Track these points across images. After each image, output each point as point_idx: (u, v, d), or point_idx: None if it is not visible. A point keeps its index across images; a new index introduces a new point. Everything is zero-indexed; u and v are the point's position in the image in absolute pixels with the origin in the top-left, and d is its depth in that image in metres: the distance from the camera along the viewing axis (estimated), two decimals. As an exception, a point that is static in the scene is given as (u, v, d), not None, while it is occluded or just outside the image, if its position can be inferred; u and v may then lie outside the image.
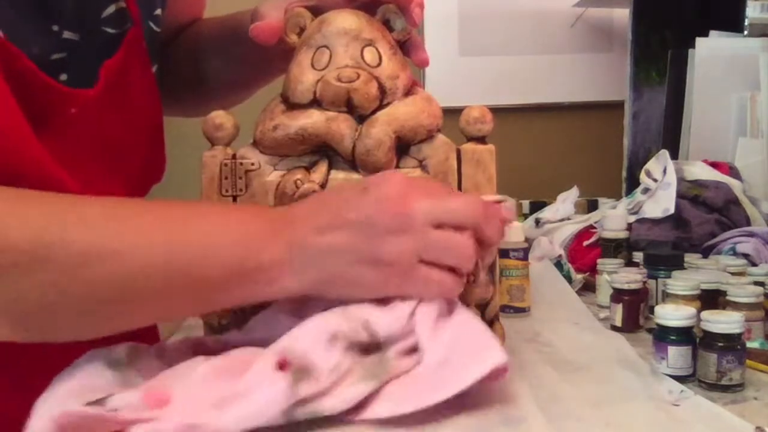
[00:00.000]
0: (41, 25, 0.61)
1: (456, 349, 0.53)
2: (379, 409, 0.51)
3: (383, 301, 0.55)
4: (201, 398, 0.49)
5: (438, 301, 0.55)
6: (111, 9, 0.66)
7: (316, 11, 0.64)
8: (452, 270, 0.54)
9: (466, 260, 0.54)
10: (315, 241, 0.53)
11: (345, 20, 0.62)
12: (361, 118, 0.62)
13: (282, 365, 0.49)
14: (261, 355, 0.51)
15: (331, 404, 0.50)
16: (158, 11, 0.74)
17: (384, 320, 0.53)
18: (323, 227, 0.53)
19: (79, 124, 0.64)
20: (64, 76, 0.63)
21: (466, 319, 0.55)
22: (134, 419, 0.47)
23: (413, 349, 0.54)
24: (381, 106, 0.62)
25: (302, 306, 0.56)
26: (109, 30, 0.67)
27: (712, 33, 1.27)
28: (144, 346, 0.57)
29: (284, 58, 0.65)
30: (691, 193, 1.03)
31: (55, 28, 0.62)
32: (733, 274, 0.78)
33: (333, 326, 0.52)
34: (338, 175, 0.62)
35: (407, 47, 0.66)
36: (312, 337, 0.51)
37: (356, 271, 0.53)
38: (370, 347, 0.53)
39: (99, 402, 0.48)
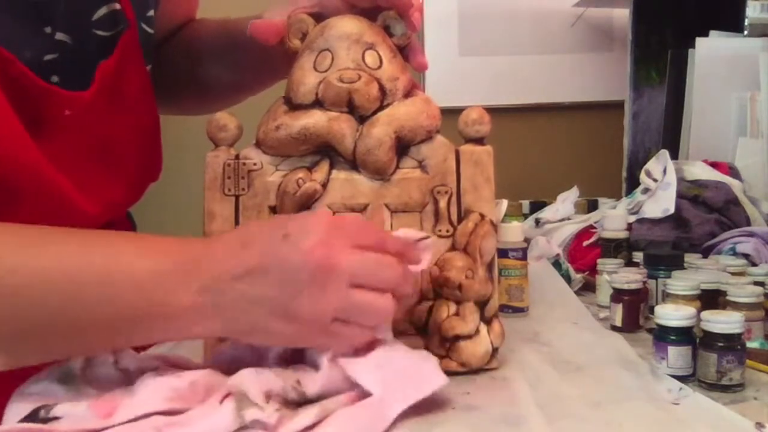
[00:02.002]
0: (34, 27, 0.61)
1: (389, 379, 0.52)
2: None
3: (307, 353, 0.54)
4: (143, 418, 0.49)
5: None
6: (102, 11, 0.66)
7: (319, 17, 0.66)
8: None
9: (382, 321, 0.53)
10: (231, 288, 0.50)
11: (347, 25, 0.63)
12: (362, 119, 0.63)
13: (224, 398, 0.50)
14: (210, 398, 0.51)
15: None
16: (151, 12, 0.74)
17: (314, 380, 0.52)
18: (240, 274, 0.50)
19: (74, 126, 0.64)
20: (55, 78, 0.63)
21: (391, 352, 0.55)
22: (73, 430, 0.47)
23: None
24: (381, 107, 0.63)
25: None
26: (101, 32, 0.67)
27: (712, 33, 1.27)
28: (104, 357, 0.55)
29: (285, 63, 0.66)
30: (691, 193, 1.02)
31: (48, 29, 0.63)
32: (733, 274, 0.78)
33: (268, 384, 0.51)
34: (339, 175, 0.64)
35: (407, 52, 0.67)
36: (249, 381, 0.51)
37: (271, 324, 0.51)
38: (300, 403, 0.52)
39: (36, 414, 0.48)
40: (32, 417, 0.49)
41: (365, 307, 0.51)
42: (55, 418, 0.49)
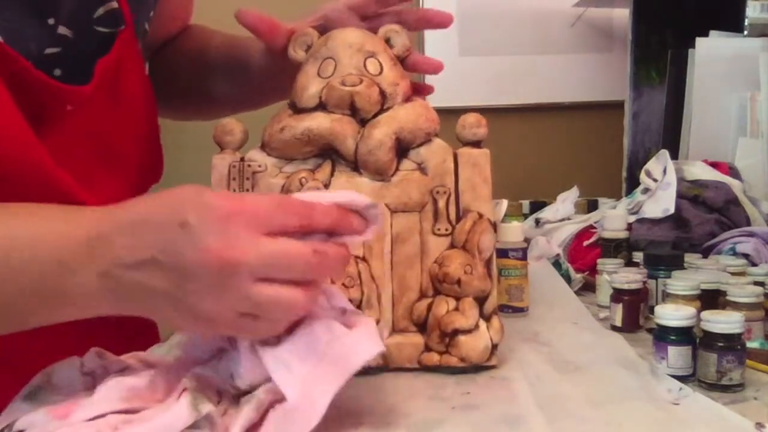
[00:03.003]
0: (37, 19, 0.62)
1: (311, 361, 0.50)
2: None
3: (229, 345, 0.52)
4: (100, 417, 0.48)
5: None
6: (101, 11, 0.67)
7: (323, 30, 0.68)
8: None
9: (294, 313, 0.49)
10: (128, 277, 0.47)
11: (350, 35, 0.66)
12: (363, 121, 0.64)
13: (180, 394, 0.50)
14: (167, 399, 0.50)
15: None
16: (152, 12, 0.75)
17: (239, 375, 0.51)
18: (134, 263, 0.47)
19: (75, 121, 0.64)
20: (58, 72, 0.64)
21: (313, 329, 0.51)
22: None
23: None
24: (382, 110, 0.65)
25: None
26: (102, 29, 0.67)
27: (712, 33, 1.27)
28: (71, 361, 0.55)
29: (291, 83, 0.67)
30: (691, 193, 1.03)
31: (51, 21, 0.63)
32: (733, 274, 0.78)
33: (210, 380, 0.51)
34: (341, 177, 0.65)
35: (416, 64, 0.70)
36: (200, 377, 0.51)
37: (175, 316, 0.49)
38: (238, 395, 0.51)
39: (7, 428, 0.48)
40: None
41: (272, 303, 0.47)
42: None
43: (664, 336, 0.62)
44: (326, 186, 0.64)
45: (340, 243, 0.50)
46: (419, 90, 0.74)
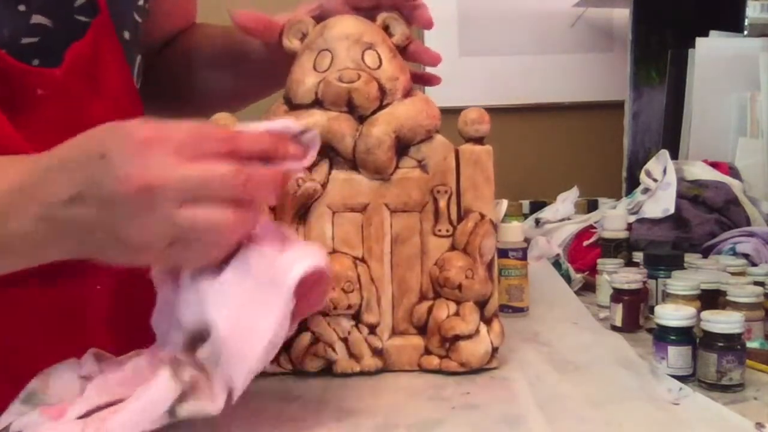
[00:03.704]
0: (6, 4, 0.61)
1: (246, 292, 0.49)
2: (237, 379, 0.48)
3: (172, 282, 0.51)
4: (93, 409, 0.49)
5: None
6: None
7: (319, 19, 0.66)
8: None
9: (226, 236, 0.48)
10: (60, 215, 0.47)
11: (346, 25, 0.64)
12: (362, 119, 0.63)
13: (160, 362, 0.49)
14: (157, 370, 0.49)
15: (211, 407, 0.49)
16: (141, 1, 0.74)
17: (181, 314, 0.50)
18: (63, 201, 0.47)
19: (48, 107, 0.63)
20: (36, 62, 0.63)
21: (246, 256, 0.50)
22: None
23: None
24: (381, 107, 0.63)
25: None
26: (82, 18, 0.66)
27: (712, 33, 1.27)
28: (69, 364, 0.55)
29: (287, 72, 0.66)
30: (691, 193, 1.02)
31: (22, 8, 0.62)
32: (733, 274, 0.78)
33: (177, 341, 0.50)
34: (339, 175, 0.64)
35: (415, 54, 0.67)
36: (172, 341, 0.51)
37: (112, 249, 0.48)
38: (193, 340, 0.50)
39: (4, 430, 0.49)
40: None
41: (200, 226, 0.46)
42: None
43: (664, 336, 0.62)
44: (324, 186, 0.63)
45: (272, 167, 0.49)
46: (425, 80, 0.73)
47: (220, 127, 0.49)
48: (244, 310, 0.48)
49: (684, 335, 0.61)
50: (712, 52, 1.24)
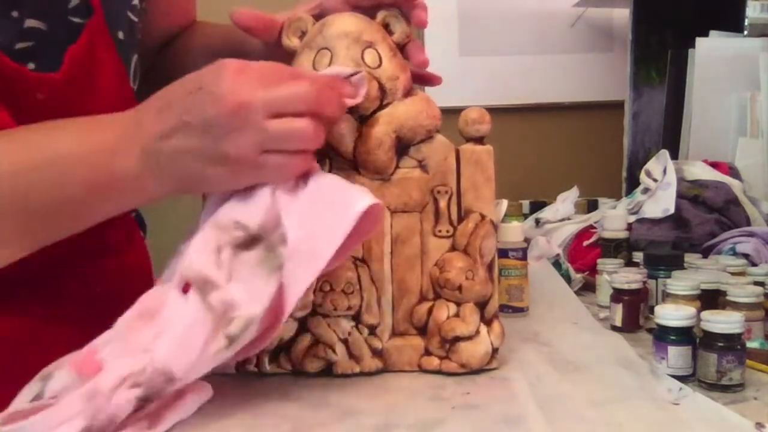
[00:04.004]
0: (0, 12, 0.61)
1: (318, 211, 0.55)
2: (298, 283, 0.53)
3: (245, 193, 0.57)
4: (130, 350, 0.51)
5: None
6: (75, 0, 0.66)
7: (318, 17, 0.66)
8: (298, 151, 0.56)
9: (306, 143, 0.56)
10: (163, 147, 0.55)
11: (346, 23, 0.63)
12: (362, 119, 0.63)
13: (185, 288, 0.53)
14: (168, 290, 0.54)
15: (252, 310, 0.53)
16: (135, 1, 0.74)
17: (250, 213, 0.56)
18: (168, 132, 0.55)
19: (48, 110, 0.64)
20: (32, 65, 0.63)
21: (321, 181, 0.57)
22: (76, 411, 0.48)
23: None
24: (381, 107, 0.63)
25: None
26: (76, 20, 0.66)
27: (712, 33, 1.26)
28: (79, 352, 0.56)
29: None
30: (691, 193, 1.02)
31: (15, 14, 0.62)
32: (733, 274, 0.78)
33: (212, 241, 0.55)
34: (339, 175, 0.63)
35: (407, 50, 0.67)
36: (200, 256, 0.54)
37: (208, 170, 0.55)
38: (249, 242, 0.56)
39: (36, 398, 0.50)
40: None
41: (285, 132, 0.54)
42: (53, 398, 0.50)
43: (664, 336, 0.62)
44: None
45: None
46: (426, 80, 0.72)
47: (288, 67, 0.59)
48: (315, 224, 0.55)
49: (684, 335, 0.61)
50: (712, 52, 1.24)
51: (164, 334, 0.51)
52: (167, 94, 0.57)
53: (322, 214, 0.55)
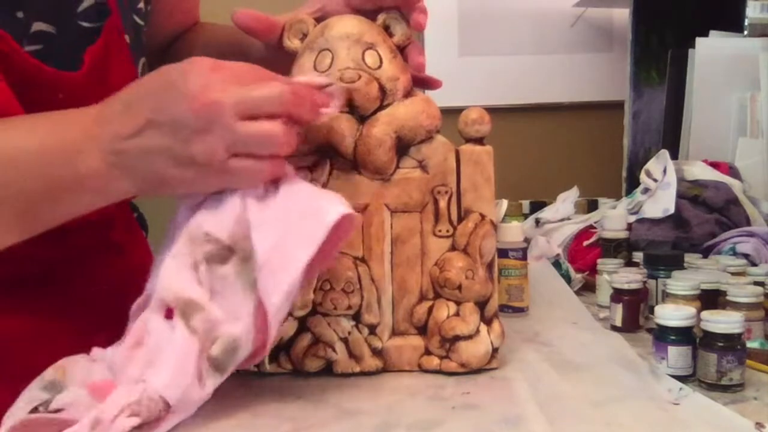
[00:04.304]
0: (3, 12, 0.61)
1: (289, 222, 0.54)
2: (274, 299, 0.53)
3: (214, 200, 0.55)
4: (124, 381, 0.52)
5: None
6: (87, 2, 0.66)
7: (320, 20, 0.66)
8: (269, 155, 0.54)
9: (278, 147, 0.54)
10: (129, 146, 0.53)
11: (347, 25, 0.63)
12: (362, 119, 0.63)
13: (168, 314, 0.52)
14: (149, 317, 0.53)
15: (233, 329, 0.52)
16: (141, 4, 0.74)
17: (220, 224, 0.54)
18: (135, 130, 0.53)
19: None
20: (46, 66, 0.63)
21: (292, 189, 0.56)
22: (73, 418, 0.49)
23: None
24: (381, 107, 0.63)
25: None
26: (86, 24, 0.67)
27: (712, 33, 1.27)
28: (77, 356, 0.57)
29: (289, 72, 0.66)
30: (691, 193, 1.03)
31: (20, 15, 0.62)
32: (733, 274, 0.78)
33: (187, 257, 0.54)
34: (339, 175, 0.64)
35: (406, 52, 0.67)
36: (176, 277, 0.53)
37: (174, 171, 0.53)
38: (222, 255, 0.54)
39: (42, 405, 0.50)
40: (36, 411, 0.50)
41: (255, 135, 0.52)
42: (57, 410, 0.50)
43: (664, 336, 0.62)
44: (324, 186, 0.63)
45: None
46: (426, 83, 0.72)
47: (263, 69, 0.56)
48: (285, 235, 0.53)
49: (684, 335, 0.61)
50: (712, 52, 1.24)
51: (155, 362, 0.51)
52: (136, 89, 0.55)
53: (293, 224, 0.54)
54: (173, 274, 0.53)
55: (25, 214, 0.55)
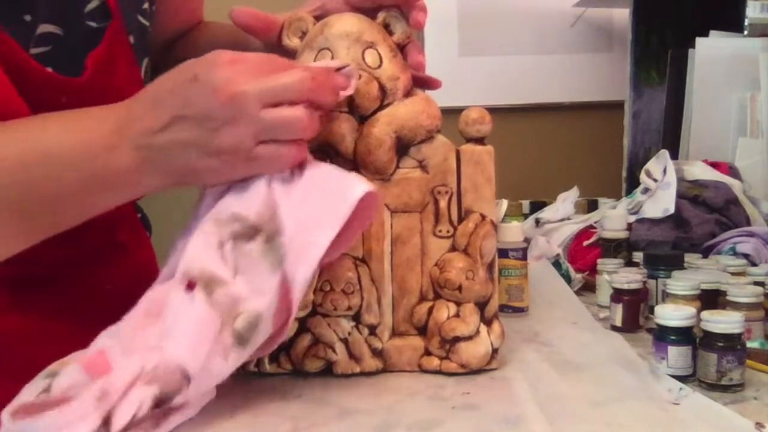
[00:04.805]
0: (12, 15, 0.61)
1: (314, 200, 0.55)
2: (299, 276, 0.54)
3: (241, 185, 0.57)
4: (137, 348, 0.51)
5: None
6: (94, 3, 0.66)
7: (319, 18, 0.66)
8: (293, 140, 0.56)
9: (302, 132, 0.55)
10: (158, 141, 0.54)
11: (346, 23, 0.63)
12: (362, 119, 0.63)
13: (190, 286, 0.53)
14: (169, 288, 0.53)
15: (256, 304, 0.53)
16: (146, 5, 0.74)
17: (247, 205, 0.56)
18: (163, 125, 0.54)
19: None
20: (49, 69, 0.63)
21: (317, 171, 0.57)
22: (89, 410, 0.48)
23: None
24: (381, 107, 0.63)
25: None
26: (93, 24, 0.67)
27: (712, 33, 1.27)
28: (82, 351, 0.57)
29: None
30: (691, 193, 1.03)
31: (27, 18, 0.62)
32: (733, 274, 0.78)
33: (214, 235, 0.55)
34: None
35: (406, 50, 0.67)
36: (202, 253, 0.54)
37: (203, 163, 0.55)
38: (248, 233, 0.55)
39: (44, 392, 0.50)
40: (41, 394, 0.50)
41: (280, 121, 0.54)
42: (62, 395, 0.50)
43: (664, 336, 0.62)
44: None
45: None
46: (426, 83, 0.72)
47: (280, 58, 0.58)
48: (311, 213, 0.55)
49: (684, 335, 0.61)
50: (712, 52, 1.24)
51: (173, 332, 0.51)
52: (162, 85, 0.56)
53: (318, 203, 0.55)
54: (200, 249, 0.54)
55: (59, 210, 0.57)
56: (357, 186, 0.55)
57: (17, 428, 0.48)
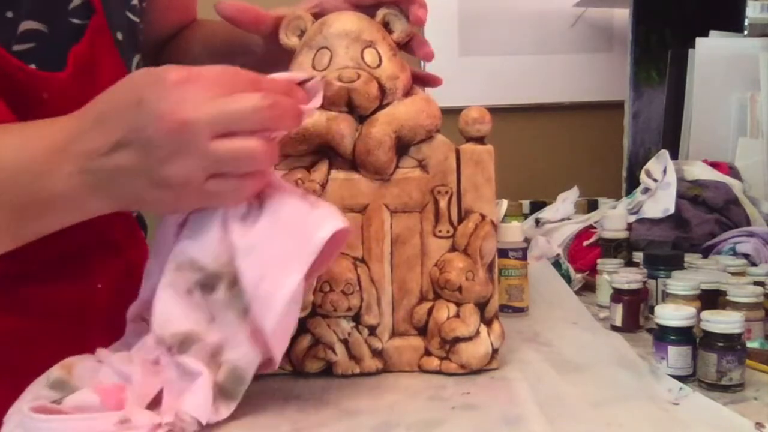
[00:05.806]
0: None
1: (278, 240, 0.52)
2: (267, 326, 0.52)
3: (196, 219, 0.53)
4: (149, 397, 0.51)
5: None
6: (76, 1, 0.66)
7: (318, 16, 0.65)
8: (249, 173, 0.51)
9: (257, 164, 0.50)
10: (104, 165, 0.50)
11: (346, 22, 0.63)
12: (362, 118, 0.63)
13: (169, 350, 0.52)
14: (154, 350, 0.53)
15: (234, 356, 0.52)
16: (135, 1, 0.74)
17: (203, 247, 0.53)
18: (110, 148, 0.49)
19: (52, 110, 0.64)
20: (33, 66, 0.63)
21: (280, 205, 0.53)
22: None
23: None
24: (381, 107, 0.63)
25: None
26: (76, 20, 0.66)
27: (712, 33, 1.27)
28: (83, 355, 0.57)
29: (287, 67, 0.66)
30: (691, 193, 1.03)
31: (9, 14, 0.61)
32: (733, 274, 0.78)
33: (179, 285, 0.53)
34: (338, 175, 0.63)
35: (412, 45, 0.67)
36: (172, 311, 0.52)
37: (149, 193, 0.50)
38: (211, 282, 0.53)
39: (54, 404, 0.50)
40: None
41: (234, 154, 0.49)
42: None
43: (664, 336, 0.62)
44: (323, 186, 0.63)
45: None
46: (426, 81, 0.72)
47: (242, 70, 0.52)
48: (274, 258, 0.51)
49: (684, 335, 0.61)
50: (712, 52, 1.24)
51: (183, 393, 0.51)
52: (108, 102, 0.52)
53: (282, 245, 0.51)
54: (169, 307, 0.53)
55: (10, 225, 0.54)
56: (324, 226, 0.51)
57: (40, 422, 0.48)
